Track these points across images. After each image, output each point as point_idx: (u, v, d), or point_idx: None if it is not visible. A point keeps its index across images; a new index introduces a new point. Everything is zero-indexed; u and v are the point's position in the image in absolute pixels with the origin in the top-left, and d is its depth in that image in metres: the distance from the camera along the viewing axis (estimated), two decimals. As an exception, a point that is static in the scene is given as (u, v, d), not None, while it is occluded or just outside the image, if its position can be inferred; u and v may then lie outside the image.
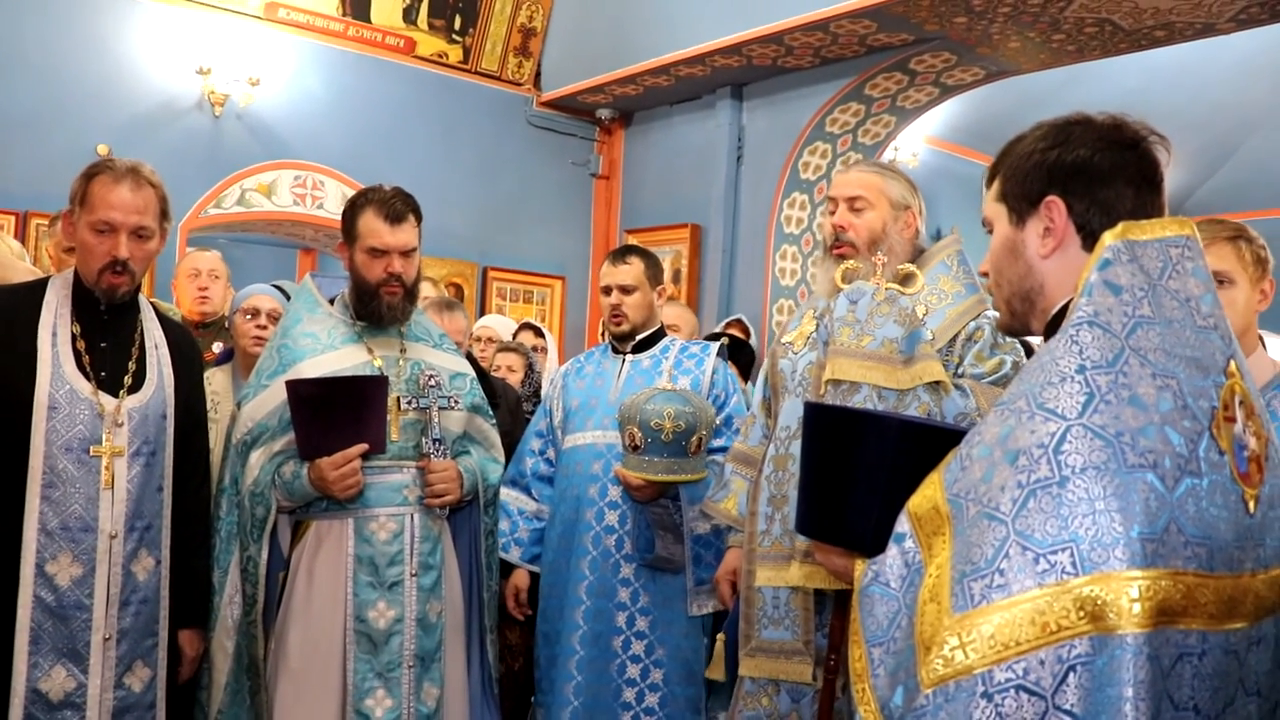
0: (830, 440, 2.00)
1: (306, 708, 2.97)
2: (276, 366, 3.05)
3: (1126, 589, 1.23)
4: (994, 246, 1.66)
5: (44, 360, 2.67)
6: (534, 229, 8.11)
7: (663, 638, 3.61)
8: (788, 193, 7.15)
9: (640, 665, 3.61)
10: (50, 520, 2.64)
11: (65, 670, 2.65)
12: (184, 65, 6.53)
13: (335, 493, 2.91)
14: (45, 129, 6.08)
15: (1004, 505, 1.31)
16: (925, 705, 1.30)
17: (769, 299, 7.14)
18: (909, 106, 7.07)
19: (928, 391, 2.51)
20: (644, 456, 3.44)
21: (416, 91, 7.51)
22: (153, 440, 2.81)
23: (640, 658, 3.62)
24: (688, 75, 7.18)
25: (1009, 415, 1.38)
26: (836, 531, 1.96)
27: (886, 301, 2.56)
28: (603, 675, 3.61)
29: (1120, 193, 1.52)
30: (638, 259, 3.82)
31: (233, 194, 6.78)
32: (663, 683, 3.60)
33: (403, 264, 3.07)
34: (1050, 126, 1.59)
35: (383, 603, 2.99)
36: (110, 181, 2.70)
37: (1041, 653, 1.24)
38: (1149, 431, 1.30)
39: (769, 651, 2.89)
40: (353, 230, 3.07)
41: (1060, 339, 1.40)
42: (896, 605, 1.46)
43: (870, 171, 2.99)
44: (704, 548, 3.58)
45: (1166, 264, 1.43)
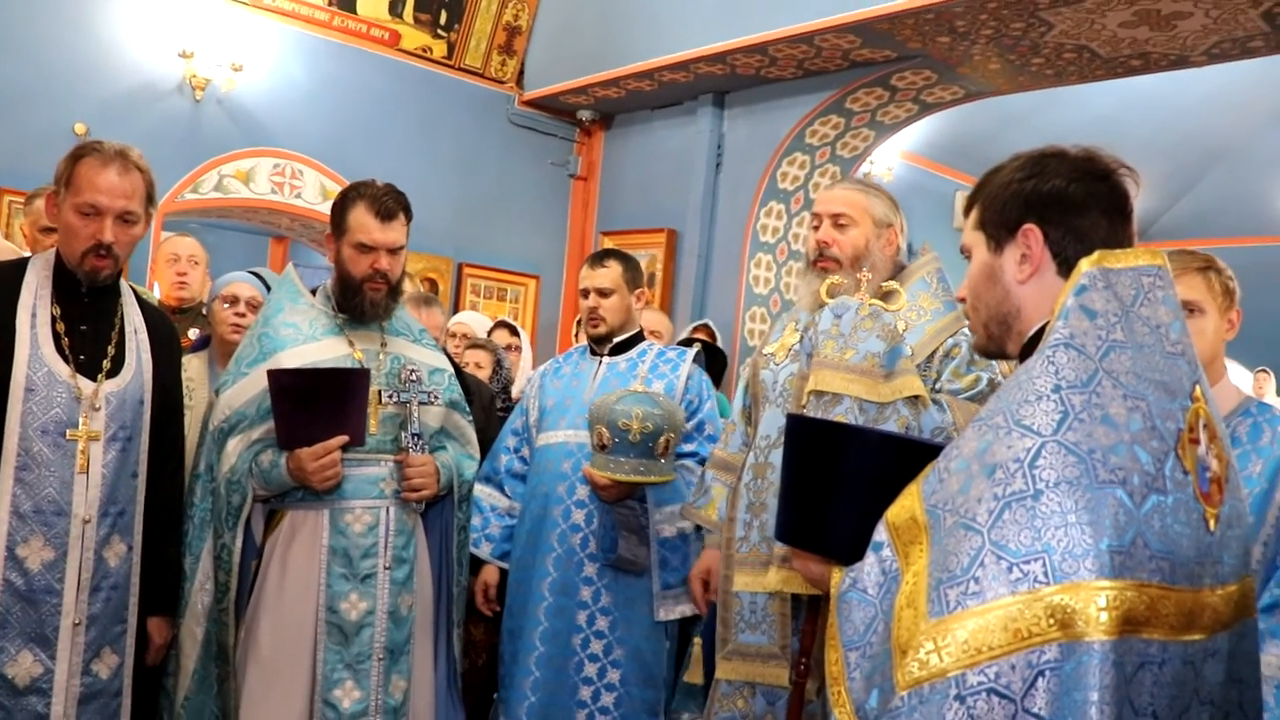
0: (812, 451, 2.04)
1: (275, 697, 2.97)
2: (257, 355, 3.05)
3: (1095, 598, 1.30)
4: (972, 272, 1.73)
5: (22, 341, 2.65)
6: (511, 227, 8.10)
7: (622, 638, 3.62)
8: (765, 201, 7.18)
9: (598, 664, 3.62)
10: (23, 503, 2.62)
11: (32, 655, 2.64)
12: (166, 47, 6.48)
13: (314, 483, 2.91)
14: (23, 106, 6.01)
15: (980, 516, 1.37)
16: (900, 707, 1.36)
17: (742, 306, 7.17)
18: (888, 121, 7.12)
19: (906, 405, 2.56)
20: (611, 456, 3.47)
21: (399, 85, 7.49)
22: (129, 425, 2.80)
23: (598, 657, 3.62)
24: (671, 80, 7.20)
25: (987, 430, 1.44)
26: (815, 540, 2.00)
27: (870, 317, 2.61)
28: (561, 673, 3.62)
29: (1094, 221, 1.59)
30: (616, 263, 3.84)
31: (210, 179, 6.73)
32: (619, 683, 3.61)
33: (389, 261, 3.07)
34: (1027, 158, 1.67)
35: (355, 594, 2.99)
36: (98, 164, 2.68)
37: (1013, 658, 1.30)
38: (1119, 449, 1.37)
39: (746, 655, 2.93)
40: (342, 223, 3.07)
41: (1038, 359, 1.46)
42: (873, 611, 1.52)
43: (854, 189, 3.04)
44: (670, 551, 3.60)
45: (1139, 292, 1.50)
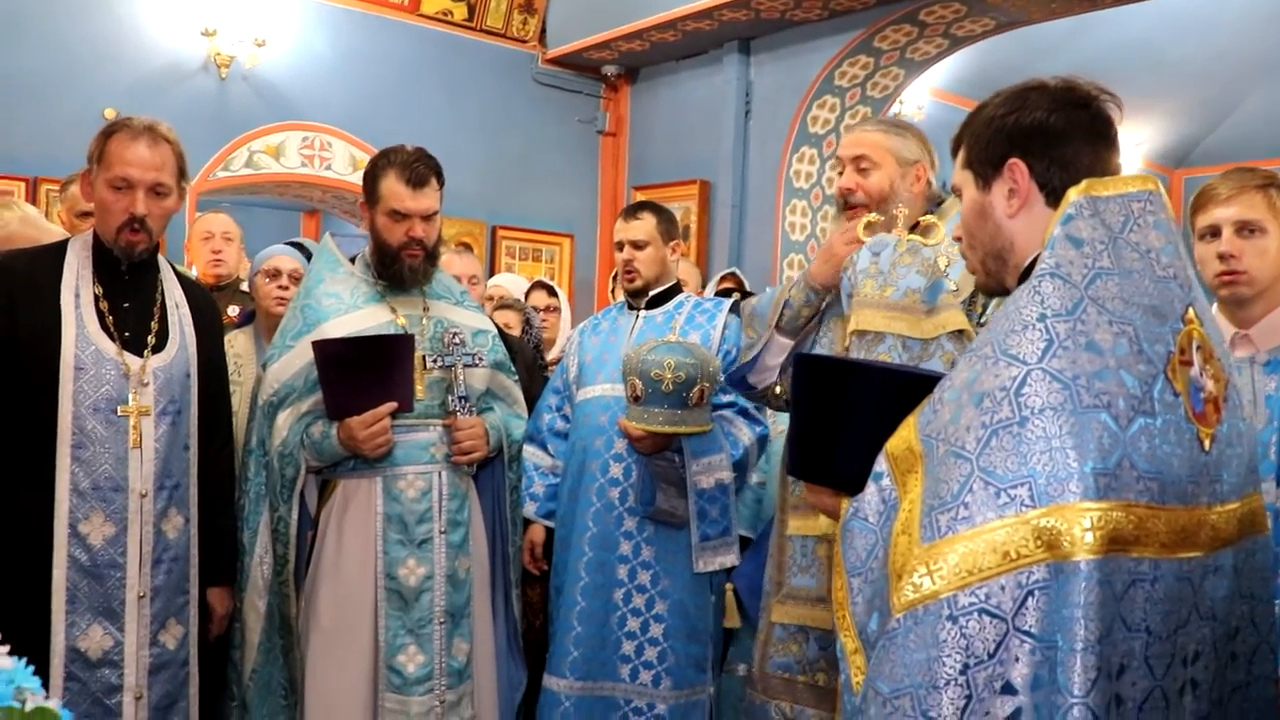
0: (818, 388, 2.08)
1: (339, 665, 3.01)
2: (301, 327, 3.06)
3: (1080, 519, 1.35)
4: (964, 211, 1.77)
5: (68, 321, 2.69)
6: (542, 187, 8.09)
7: (664, 592, 3.60)
8: (796, 147, 7.12)
9: (640, 619, 3.61)
10: (81, 480, 2.66)
11: (102, 629, 2.69)
12: (189, 27, 6.50)
13: (365, 452, 2.92)
14: (52, 93, 6.06)
15: (969, 444, 1.43)
16: (896, 628, 1.42)
17: (779, 254, 7.13)
18: (918, 58, 7.02)
19: (951, 340, 2.54)
20: (645, 407, 3.45)
21: (422, 50, 7.47)
22: (178, 399, 2.84)
23: (640, 611, 3.61)
24: (694, 30, 7.13)
25: (976, 361, 1.50)
26: (825, 473, 2.05)
27: (909, 252, 2.58)
28: (603, 627, 3.62)
29: (1077, 150, 1.61)
30: (650, 214, 3.79)
31: (240, 156, 6.76)
32: (662, 637, 3.59)
33: (424, 228, 3.06)
34: (1008, 93, 1.70)
35: (412, 560, 3.02)
36: (127, 139, 2.71)
37: (1002, 579, 1.36)
38: (1104, 375, 1.41)
39: (799, 598, 2.94)
40: (374, 192, 3.06)
41: (1024, 289, 1.51)
42: (874, 539, 1.59)
43: (875, 130, 2.98)
44: (709, 503, 3.56)
45: (1128, 218, 1.53)
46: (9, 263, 2.75)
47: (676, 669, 3.60)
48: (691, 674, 3.62)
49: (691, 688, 3.62)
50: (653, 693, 3.59)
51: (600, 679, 3.61)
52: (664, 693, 3.59)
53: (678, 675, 3.59)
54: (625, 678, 3.60)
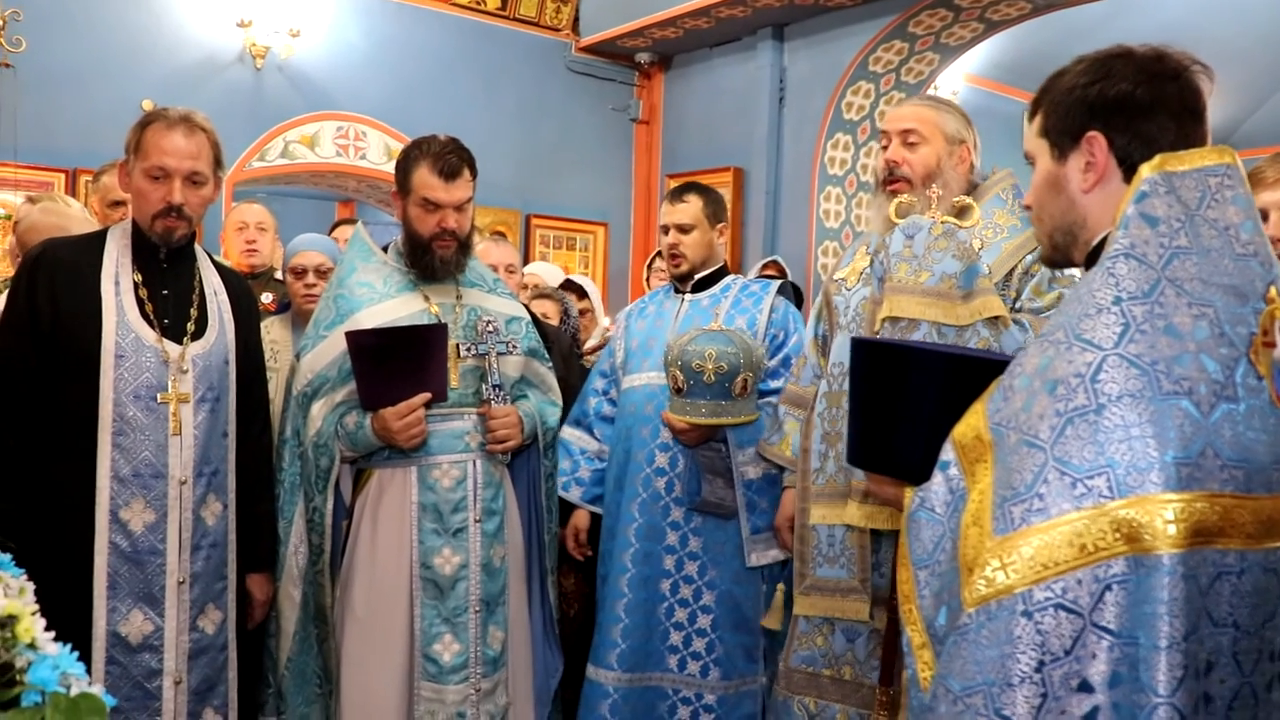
0: (878, 375, 2.04)
1: (375, 654, 3.02)
2: (334, 317, 3.06)
3: (1161, 511, 1.29)
4: (1036, 181, 1.69)
5: (109, 309, 2.71)
6: (575, 176, 8.09)
7: (712, 582, 3.57)
8: (831, 134, 7.08)
9: (688, 610, 3.58)
10: (122, 467, 2.69)
11: (143, 614, 2.72)
12: (225, 18, 6.54)
13: (400, 442, 2.92)
14: (89, 86, 6.12)
15: (1043, 433, 1.36)
16: (968, 624, 1.36)
17: (813, 241, 7.10)
18: (953, 43, 6.96)
19: (987, 326, 2.50)
20: (687, 399, 3.40)
21: (455, 39, 7.49)
22: (216, 386, 2.85)
23: (688, 602, 3.58)
24: (728, 16, 7.11)
25: (1048, 346, 1.43)
26: (887, 462, 2.01)
27: (944, 236, 2.54)
28: (650, 618, 3.60)
29: (1162, 125, 1.53)
30: (696, 197, 3.73)
31: (276, 146, 6.80)
32: (710, 628, 3.57)
33: (456, 218, 3.05)
34: (1091, 60, 1.61)
35: (448, 549, 3.02)
36: (163, 128, 2.74)
37: (1079, 573, 1.30)
38: (1184, 360, 1.35)
39: (824, 590, 2.88)
40: (406, 182, 3.05)
41: (1097, 271, 1.44)
42: (941, 530, 1.53)
43: (924, 105, 2.95)
44: (757, 494, 3.50)
45: (1205, 193, 1.46)
46: (51, 251, 2.77)
47: (725, 659, 3.57)
48: (741, 664, 3.59)
49: (741, 678, 3.59)
50: (700, 683, 3.57)
51: (648, 670, 3.59)
52: (712, 683, 3.57)
53: (726, 665, 3.57)
54: (674, 668, 3.59)
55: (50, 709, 1.14)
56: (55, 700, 1.15)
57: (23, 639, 1.21)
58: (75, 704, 1.16)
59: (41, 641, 1.23)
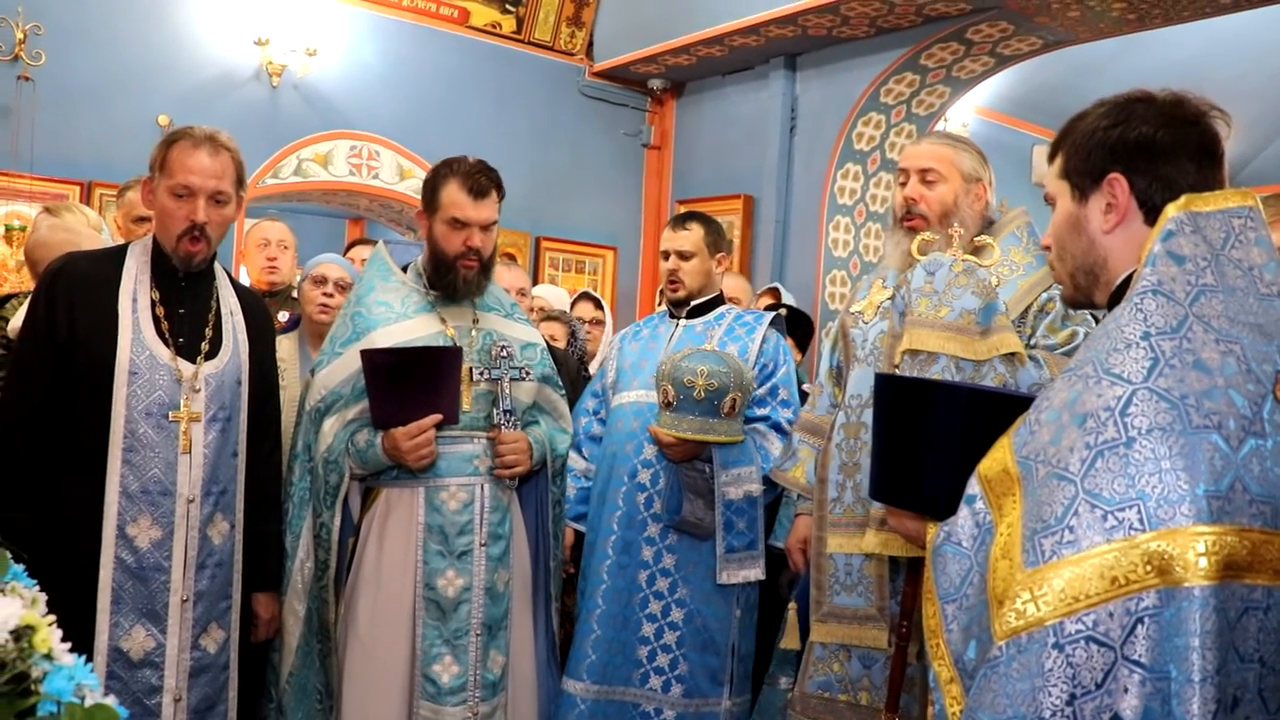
0: (902, 409, 2.05)
1: (375, 672, 3.02)
2: (350, 334, 3.08)
3: (1193, 544, 1.29)
4: (1057, 221, 1.71)
5: (125, 326, 2.73)
6: (586, 199, 8.11)
7: (680, 600, 3.61)
8: (841, 163, 7.10)
9: (655, 625, 3.62)
10: (131, 484, 2.69)
11: (145, 630, 2.72)
12: (242, 36, 6.57)
13: (409, 462, 2.93)
14: (107, 100, 6.14)
15: (1073, 465, 1.37)
16: (999, 656, 1.36)
17: (822, 270, 7.10)
18: (964, 77, 6.98)
19: (1004, 363, 2.53)
20: (676, 414, 3.46)
21: (470, 61, 7.52)
22: (228, 406, 2.86)
23: (656, 617, 3.62)
24: (741, 45, 7.13)
25: (1076, 381, 1.44)
26: (909, 496, 2.02)
27: (964, 273, 2.58)
28: (622, 631, 3.63)
29: (1182, 168, 1.56)
30: (698, 225, 3.80)
31: (290, 164, 6.83)
32: (675, 645, 3.60)
33: (482, 238, 3.09)
34: (1113, 104, 1.64)
35: (452, 571, 3.02)
36: (189, 147, 2.75)
37: (1110, 605, 1.30)
38: (1214, 394, 1.36)
39: (841, 617, 2.92)
40: (434, 201, 3.08)
41: (1125, 307, 1.45)
42: (968, 563, 1.53)
43: (942, 144, 3.00)
44: (736, 514, 3.56)
45: (1229, 234, 1.48)
46: (70, 265, 2.79)
47: (688, 677, 3.60)
48: (704, 685, 3.61)
49: (704, 699, 3.61)
50: (661, 698, 3.60)
51: (615, 683, 3.62)
52: (673, 699, 3.59)
53: (689, 684, 3.60)
54: (636, 682, 3.62)
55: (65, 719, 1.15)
56: (71, 711, 1.16)
57: (39, 649, 1.21)
58: (91, 715, 1.16)
59: (58, 652, 1.24)
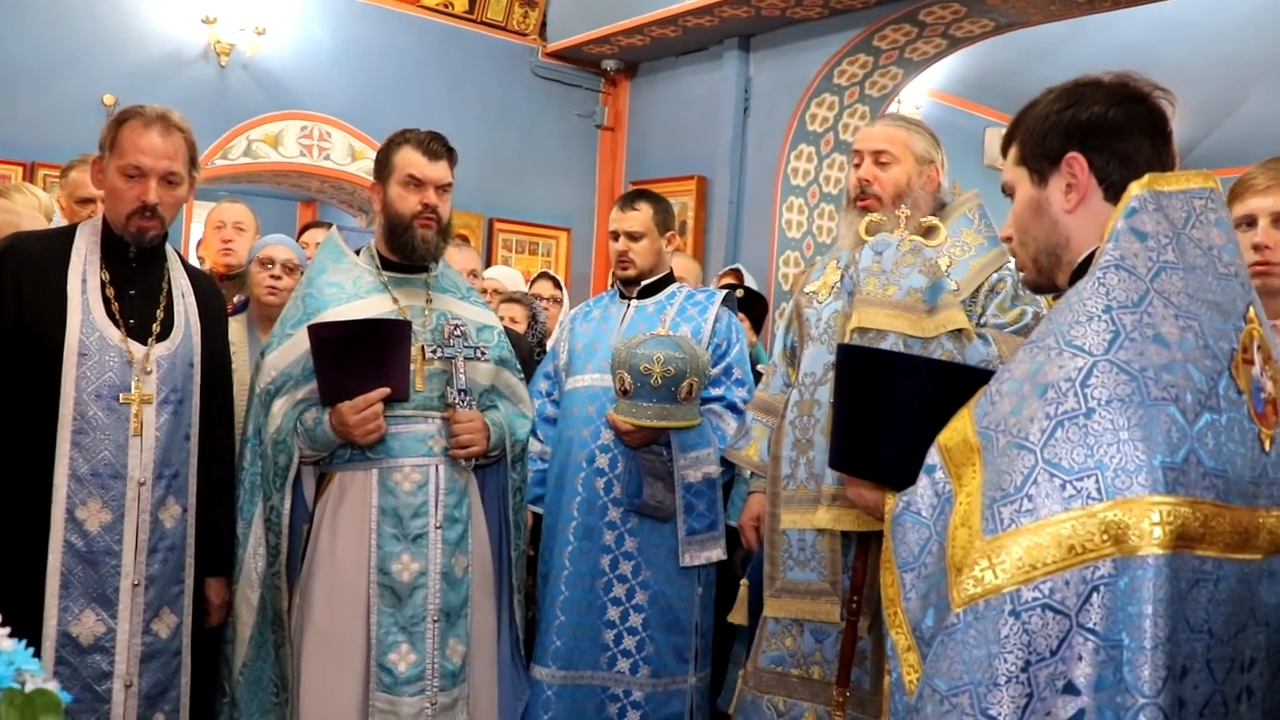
0: (863, 380, 2.08)
1: (332, 661, 2.97)
2: (300, 315, 3.04)
3: (1148, 513, 1.32)
4: (1017, 209, 1.74)
5: (74, 307, 2.69)
6: (539, 180, 8.08)
7: (645, 583, 3.63)
8: (794, 144, 7.12)
9: (620, 608, 3.64)
10: (80, 466, 2.66)
11: (95, 615, 2.69)
12: (190, 14, 6.48)
13: (356, 437, 2.89)
14: (51, 79, 6.03)
15: (1033, 435, 1.39)
16: (956, 624, 1.38)
17: (775, 251, 7.13)
18: (917, 58, 7.02)
19: (951, 339, 2.57)
20: (633, 401, 3.47)
21: (422, 41, 7.46)
22: (180, 388, 2.83)
23: (620, 600, 3.64)
24: (695, 25, 7.13)
25: (1038, 352, 1.47)
26: (868, 466, 2.05)
27: (911, 253, 2.61)
28: (585, 616, 3.65)
29: (1137, 144, 1.60)
30: (647, 205, 3.80)
31: (239, 145, 6.74)
32: (641, 627, 3.62)
33: (439, 198, 3.08)
34: (1061, 89, 1.68)
35: (406, 555, 2.98)
36: (140, 127, 2.71)
37: (1067, 573, 1.32)
38: (1172, 368, 1.39)
39: (794, 592, 2.96)
40: (388, 165, 3.08)
41: (1088, 281, 1.48)
42: (927, 533, 1.56)
43: (896, 126, 3.04)
44: (695, 496, 3.59)
45: (1190, 214, 1.52)
46: (18, 245, 2.74)
47: (655, 658, 3.62)
48: (671, 663, 3.64)
49: (670, 677, 3.64)
50: (629, 680, 3.62)
51: (581, 668, 3.64)
52: (640, 680, 3.62)
53: (655, 664, 3.63)
54: (604, 665, 3.64)
55: (5, 705, 1.14)
56: (10, 696, 1.15)
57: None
58: (31, 700, 1.15)
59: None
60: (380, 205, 3.12)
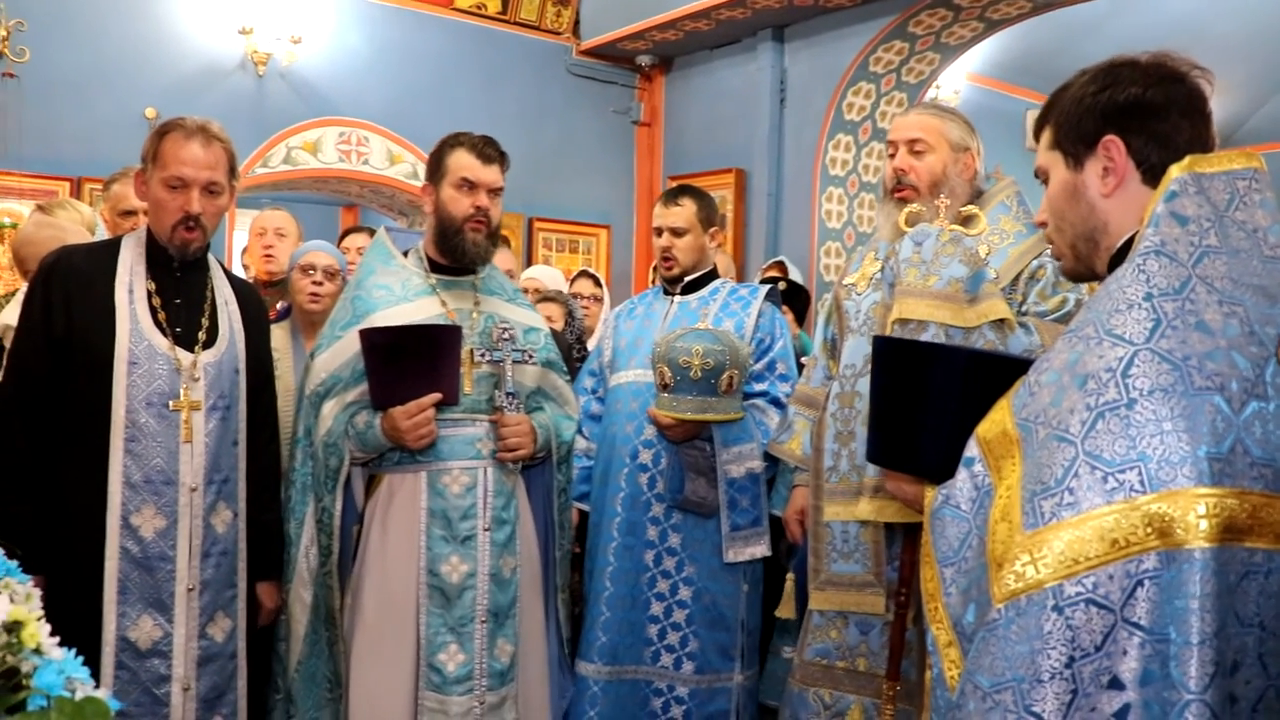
0: (900, 372, 2.06)
1: (382, 660, 3.00)
2: (350, 318, 3.06)
3: (1194, 506, 1.28)
4: (1052, 193, 1.70)
5: (122, 317, 2.73)
6: (578, 178, 8.10)
7: (689, 579, 3.62)
8: (832, 134, 7.09)
9: (664, 604, 3.63)
10: (133, 474, 2.70)
11: (152, 620, 2.73)
12: (226, 25, 6.55)
13: (408, 442, 2.91)
14: (93, 94, 6.13)
15: (1073, 427, 1.36)
16: (997, 619, 1.35)
17: (815, 242, 7.10)
18: (953, 43, 6.96)
19: (993, 329, 2.54)
20: (674, 395, 3.45)
21: (456, 44, 7.50)
22: (227, 395, 2.87)
23: (664, 596, 3.63)
24: (728, 18, 7.12)
25: (1077, 342, 1.43)
26: (907, 460, 2.02)
27: (951, 242, 2.59)
28: (630, 612, 3.64)
29: (1175, 125, 1.56)
30: (690, 200, 3.77)
31: (279, 153, 6.82)
32: (685, 623, 3.61)
33: (490, 202, 3.09)
34: (1096, 70, 1.63)
35: (455, 557, 2.99)
36: (182, 138, 2.76)
37: (1110, 568, 1.29)
38: (1216, 355, 1.34)
39: (839, 585, 2.95)
40: (441, 168, 3.09)
41: (1127, 268, 1.44)
42: (967, 526, 1.53)
43: (930, 114, 3.02)
44: (739, 492, 3.56)
45: (1234, 196, 1.47)
46: (66, 259, 2.79)
47: (699, 654, 3.61)
48: (716, 660, 3.62)
49: (715, 674, 3.63)
50: (674, 675, 3.61)
51: (626, 663, 3.64)
52: (685, 676, 3.61)
53: (700, 660, 3.61)
54: (648, 660, 3.63)
55: (55, 713, 1.16)
56: (60, 704, 1.17)
57: (28, 644, 1.22)
58: (80, 708, 1.17)
59: (47, 646, 1.24)
60: (432, 207, 3.13)
